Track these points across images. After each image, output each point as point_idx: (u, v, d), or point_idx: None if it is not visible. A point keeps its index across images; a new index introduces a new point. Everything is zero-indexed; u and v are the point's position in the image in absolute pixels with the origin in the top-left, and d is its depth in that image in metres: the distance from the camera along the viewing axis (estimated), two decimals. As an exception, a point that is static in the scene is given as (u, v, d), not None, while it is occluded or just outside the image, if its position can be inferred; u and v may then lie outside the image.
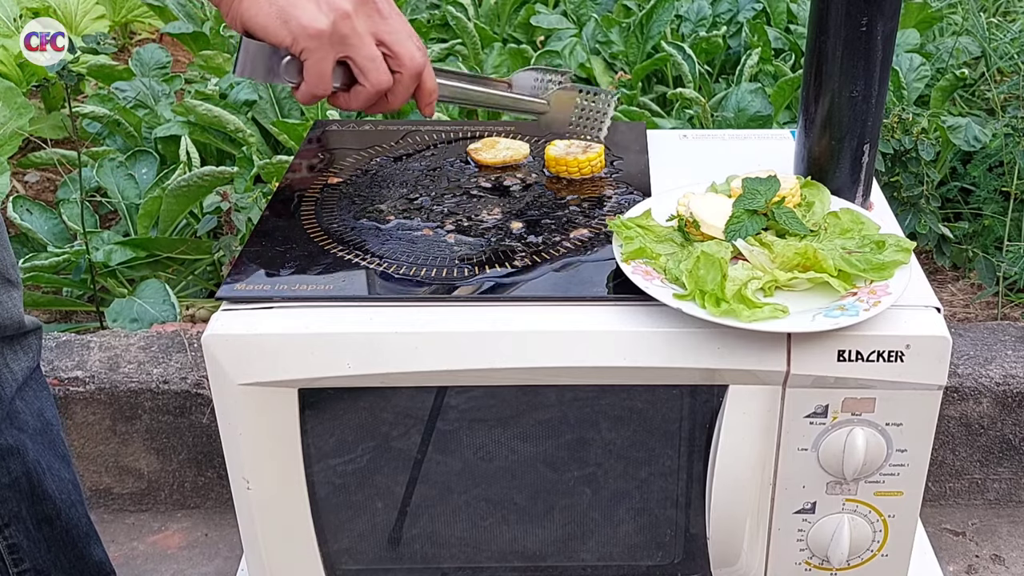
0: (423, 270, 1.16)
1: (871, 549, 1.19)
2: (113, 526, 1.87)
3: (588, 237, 1.21)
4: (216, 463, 1.85)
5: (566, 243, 1.20)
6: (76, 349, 1.85)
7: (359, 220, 1.26)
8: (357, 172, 1.37)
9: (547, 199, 1.30)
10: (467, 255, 1.19)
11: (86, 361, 1.81)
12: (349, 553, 1.23)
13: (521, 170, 1.36)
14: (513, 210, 1.27)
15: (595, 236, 1.22)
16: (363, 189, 1.33)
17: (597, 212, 1.26)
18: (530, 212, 1.27)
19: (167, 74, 2.75)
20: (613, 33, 2.76)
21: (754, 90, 2.34)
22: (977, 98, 2.57)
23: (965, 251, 2.23)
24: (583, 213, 1.26)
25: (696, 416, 1.14)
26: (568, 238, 1.21)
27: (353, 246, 1.21)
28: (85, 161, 2.34)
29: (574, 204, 1.28)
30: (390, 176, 1.36)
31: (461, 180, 1.34)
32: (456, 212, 1.27)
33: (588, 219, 1.25)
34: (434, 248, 1.20)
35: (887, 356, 1.07)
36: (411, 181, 1.34)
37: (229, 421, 1.12)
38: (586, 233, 1.22)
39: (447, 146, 1.43)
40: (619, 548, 1.24)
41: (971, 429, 1.80)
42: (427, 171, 1.37)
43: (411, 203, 1.29)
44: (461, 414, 1.16)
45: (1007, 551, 1.80)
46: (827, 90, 1.19)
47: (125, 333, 1.91)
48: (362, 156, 1.40)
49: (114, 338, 1.88)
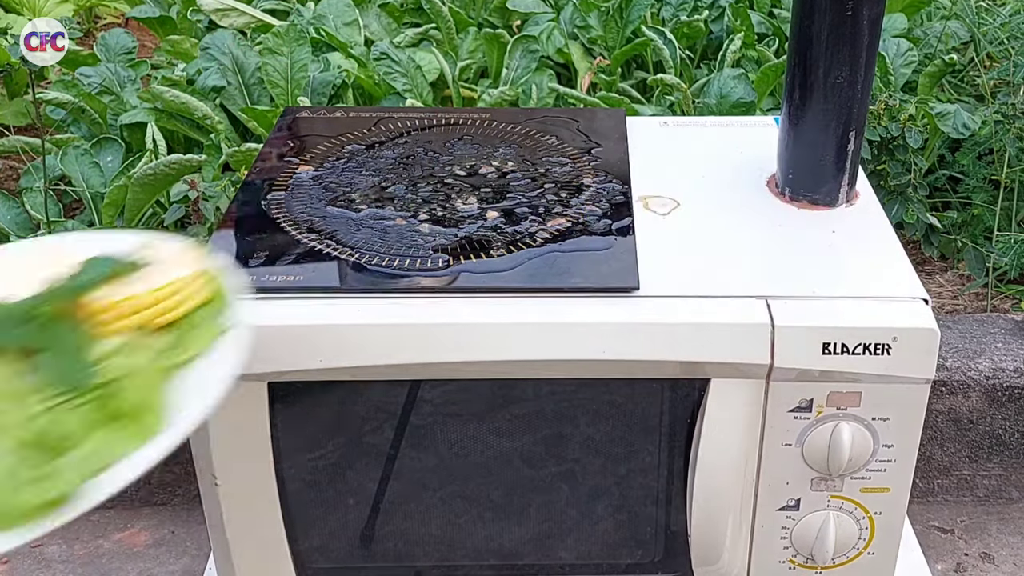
0: (396, 260, 1.14)
1: (857, 547, 1.18)
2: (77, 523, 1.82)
3: (566, 227, 1.19)
4: (183, 459, 1.82)
5: (543, 233, 1.18)
6: (42, 339, 1.83)
7: (330, 208, 1.24)
8: (329, 160, 1.34)
9: (523, 188, 1.27)
10: (441, 245, 1.16)
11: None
12: (320, 551, 1.22)
13: (497, 158, 1.34)
14: (489, 199, 1.25)
15: (573, 226, 1.19)
16: (335, 177, 1.30)
17: (575, 201, 1.24)
18: (506, 201, 1.25)
19: (133, 60, 2.71)
20: (592, 17, 2.74)
21: (737, 76, 2.32)
22: (966, 84, 2.55)
23: (954, 241, 2.21)
24: (561, 202, 1.24)
25: (677, 410, 1.13)
26: (545, 228, 1.19)
27: (324, 235, 1.18)
28: (49, 149, 2.30)
29: (551, 193, 1.26)
30: (362, 164, 1.33)
31: (435, 168, 1.32)
32: (430, 201, 1.25)
33: (566, 208, 1.22)
34: (407, 238, 1.18)
35: (873, 349, 1.06)
36: (384, 169, 1.32)
37: (196, 416, 1.10)
38: (564, 223, 1.20)
39: (420, 133, 1.41)
40: (598, 546, 1.23)
41: (960, 424, 1.79)
42: (400, 159, 1.34)
43: (383, 192, 1.27)
44: (435, 408, 1.15)
45: (997, 549, 1.79)
46: (812, 76, 1.18)
47: (93, 323, 1.88)
48: (334, 143, 1.38)
49: None
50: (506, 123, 1.42)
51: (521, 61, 2.55)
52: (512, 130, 1.41)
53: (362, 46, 2.65)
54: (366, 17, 2.78)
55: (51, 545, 1.80)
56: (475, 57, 2.69)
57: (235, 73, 2.46)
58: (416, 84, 2.47)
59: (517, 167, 1.32)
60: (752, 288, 1.11)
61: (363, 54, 2.57)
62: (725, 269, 1.14)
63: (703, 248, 1.18)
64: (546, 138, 1.39)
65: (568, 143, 1.38)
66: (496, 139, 1.39)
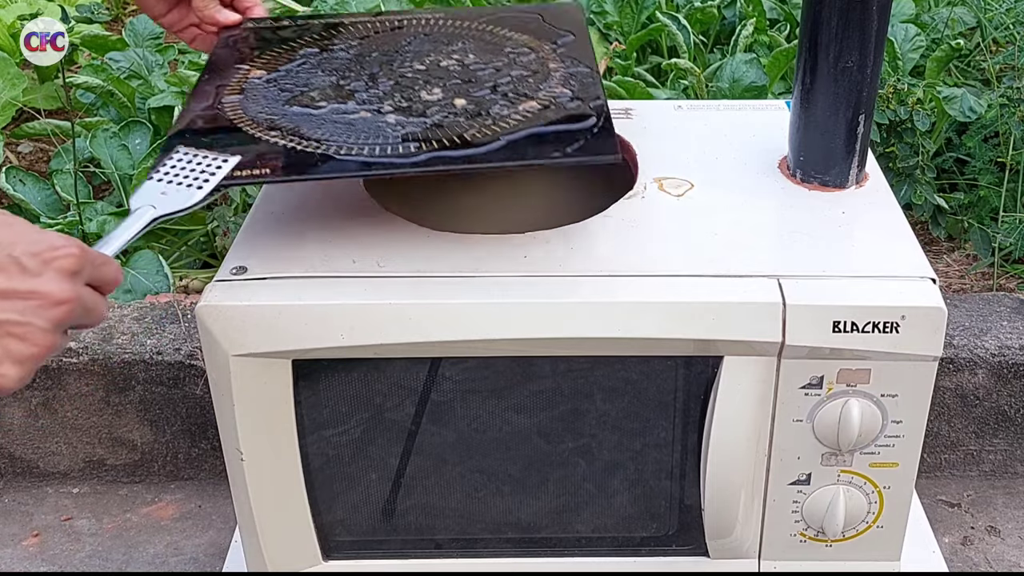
0: (366, 149, 1.10)
1: (866, 520, 1.19)
2: (106, 497, 1.87)
3: (538, 108, 1.16)
4: (210, 434, 1.85)
5: (515, 116, 1.15)
6: (69, 320, 1.85)
7: (289, 108, 1.18)
8: (281, 64, 1.28)
9: (488, 76, 1.23)
10: (411, 133, 1.12)
11: (79, 332, 1.81)
12: (343, 524, 1.24)
13: (457, 53, 1.29)
14: (454, 89, 1.21)
15: (545, 107, 1.16)
16: (289, 80, 1.25)
17: (545, 85, 1.21)
18: (473, 88, 1.21)
19: (160, 44, 2.73)
20: (608, 3, 2.75)
21: (749, 60, 2.33)
22: (972, 69, 2.56)
23: (961, 222, 2.23)
24: (529, 88, 1.21)
25: (691, 387, 1.14)
26: (517, 111, 1.16)
27: (287, 132, 1.14)
28: (78, 132, 2.33)
29: (518, 80, 1.22)
30: (317, 65, 1.28)
31: (394, 64, 1.27)
32: (392, 95, 1.20)
33: (536, 91, 1.20)
34: (374, 128, 1.14)
35: (882, 327, 1.07)
36: (341, 69, 1.26)
37: (222, 392, 1.12)
38: (535, 105, 1.17)
39: (375, 36, 1.35)
40: (613, 519, 1.24)
41: (966, 400, 1.80)
42: (356, 58, 1.28)
43: (342, 89, 1.22)
44: (455, 385, 1.16)
45: (1003, 522, 1.80)
46: (822, 61, 1.18)
47: (118, 304, 1.90)
48: (284, 48, 1.31)
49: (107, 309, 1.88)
50: (461, 20, 1.37)
51: (538, 46, 2.56)
52: (469, 26, 1.35)
53: (382, 31, 2.66)
54: (388, 3, 2.80)
55: (80, 519, 1.82)
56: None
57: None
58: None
59: (479, 59, 1.27)
60: (764, 267, 1.12)
61: (382, 39, 2.59)
62: (737, 249, 1.15)
63: (716, 228, 1.19)
64: (504, 31, 1.34)
65: (530, 35, 1.33)
66: (453, 36, 1.33)
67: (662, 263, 1.13)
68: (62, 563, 1.74)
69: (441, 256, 1.15)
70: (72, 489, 1.89)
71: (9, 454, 1.87)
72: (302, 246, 1.18)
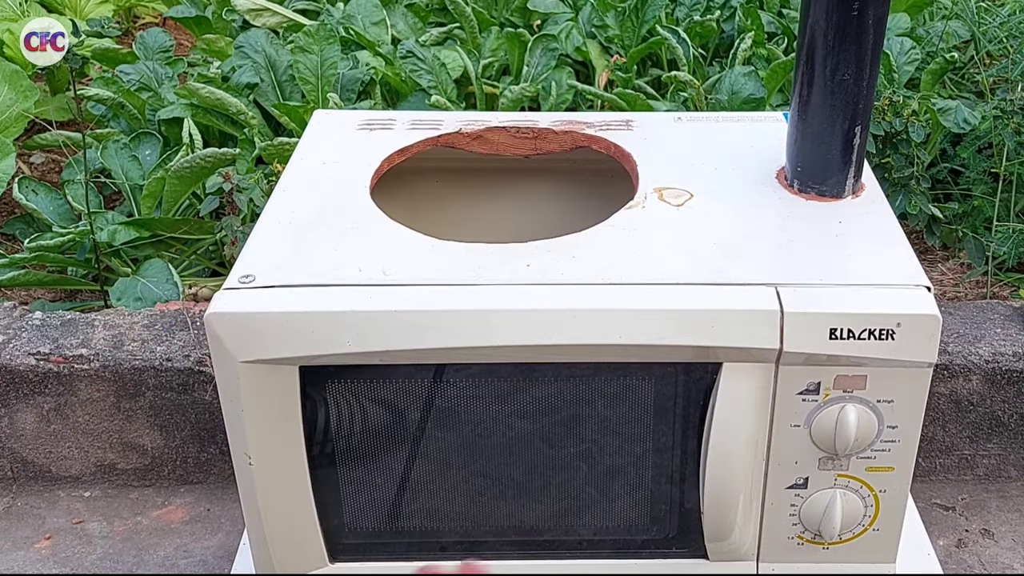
0: None
1: (862, 523, 1.21)
2: (117, 501, 1.88)
3: None
4: (218, 439, 1.87)
5: None
6: (81, 327, 1.87)
7: None
8: None
9: None
10: None
11: (91, 339, 1.83)
12: (349, 528, 1.25)
13: None
14: None
15: None
16: None
17: None
18: None
19: (170, 57, 2.76)
20: (609, 17, 2.77)
21: (747, 73, 2.35)
22: (967, 81, 2.58)
23: (955, 231, 2.24)
24: None
25: (691, 393, 1.15)
26: None
27: None
28: (90, 143, 2.36)
29: None
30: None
31: None
32: None
33: None
34: None
35: (878, 334, 1.09)
36: None
37: (231, 398, 1.14)
38: None
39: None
40: (614, 523, 1.25)
41: (961, 406, 1.82)
42: None
43: None
44: (459, 391, 1.17)
45: (996, 525, 1.81)
46: (819, 73, 1.20)
47: (129, 312, 1.92)
48: None
49: (118, 316, 1.90)
50: None
51: (541, 59, 2.59)
52: None
53: (389, 44, 2.69)
54: (393, 17, 2.83)
55: (92, 522, 1.83)
56: (497, 55, 2.72)
57: (268, 70, 2.51)
58: (441, 81, 2.51)
59: None
60: (762, 276, 1.13)
61: (390, 52, 2.61)
62: (736, 258, 1.17)
63: (715, 238, 1.20)
64: None
65: None
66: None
67: (662, 271, 1.15)
68: (74, 565, 1.75)
69: (446, 265, 1.17)
70: (84, 493, 1.90)
71: (22, 458, 1.89)
72: (309, 255, 1.19)
